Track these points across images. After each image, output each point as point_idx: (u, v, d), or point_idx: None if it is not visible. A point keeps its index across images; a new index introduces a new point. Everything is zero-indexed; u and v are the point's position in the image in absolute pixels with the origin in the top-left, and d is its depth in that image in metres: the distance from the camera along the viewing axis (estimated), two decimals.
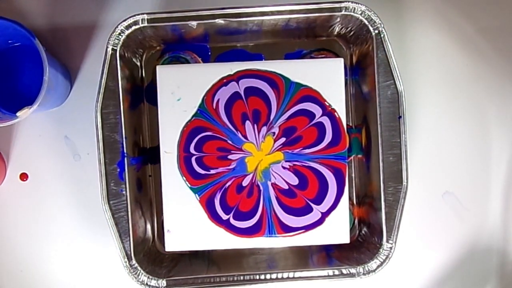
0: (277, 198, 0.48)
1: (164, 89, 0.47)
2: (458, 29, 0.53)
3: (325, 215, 0.48)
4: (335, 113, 0.48)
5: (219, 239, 0.48)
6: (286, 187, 0.48)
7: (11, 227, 0.54)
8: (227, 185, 0.48)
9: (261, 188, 0.48)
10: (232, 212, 0.48)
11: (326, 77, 0.47)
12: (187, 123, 0.48)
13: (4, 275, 0.54)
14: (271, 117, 0.48)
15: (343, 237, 0.48)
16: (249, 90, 0.48)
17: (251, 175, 0.48)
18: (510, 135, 0.54)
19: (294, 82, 0.48)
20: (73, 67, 0.54)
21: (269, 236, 0.48)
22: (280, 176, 0.48)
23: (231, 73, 0.48)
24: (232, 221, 0.48)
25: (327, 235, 0.48)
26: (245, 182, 0.48)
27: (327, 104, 0.48)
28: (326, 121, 0.48)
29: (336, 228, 0.48)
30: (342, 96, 0.48)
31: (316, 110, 0.48)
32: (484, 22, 0.53)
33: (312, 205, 0.48)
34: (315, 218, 0.48)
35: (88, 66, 0.53)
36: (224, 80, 0.48)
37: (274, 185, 0.48)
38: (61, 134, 0.54)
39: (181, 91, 0.48)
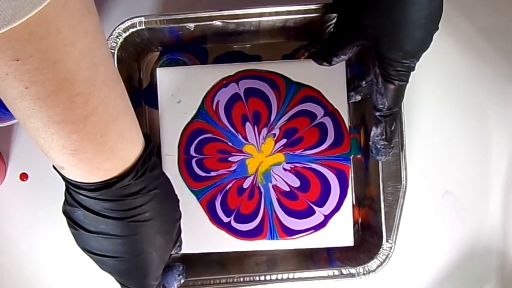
0: (278, 200, 0.47)
1: (164, 91, 0.47)
2: (458, 29, 0.53)
3: (328, 217, 0.47)
4: (337, 114, 0.47)
5: (221, 242, 0.48)
6: (288, 189, 0.47)
7: (11, 227, 0.54)
8: (227, 187, 0.47)
9: (262, 190, 0.47)
10: (233, 215, 0.47)
11: (327, 77, 0.47)
12: (187, 125, 0.47)
13: (4, 275, 0.54)
14: (272, 118, 0.47)
15: (347, 240, 0.48)
16: (249, 91, 0.47)
17: (251, 177, 0.47)
18: (510, 135, 0.54)
19: (295, 82, 0.47)
20: None
21: (271, 239, 0.47)
22: (281, 178, 0.47)
23: (231, 74, 0.47)
24: (233, 223, 0.47)
25: (330, 238, 0.47)
26: (245, 184, 0.48)
27: (329, 104, 0.47)
28: (328, 121, 0.47)
29: (340, 231, 0.47)
30: (344, 95, 0.47)
31: (318, 110, 0.47)
32: (484, 22, 0.53)
33: (315, 207, 0.47)
34: (318, 220, 0.47)
35: None
36: (224, 81, 0.47)
37: (275, 187, 0.47)
38: None
39: (181, 93, 0.47)
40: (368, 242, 0.50)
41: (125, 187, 0.33)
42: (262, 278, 0.48)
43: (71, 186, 0.33)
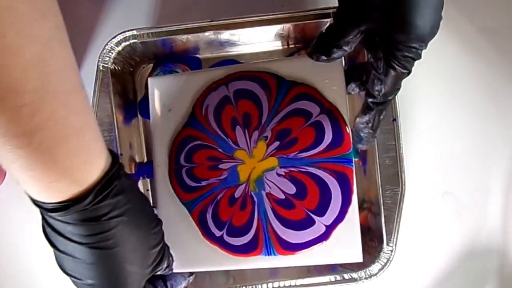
0: (273, 210, 0.42)
1: (155, 101, 0.44)
2: (458, 29, 0.53)
3: (330, 228, 0.42)
4: (335, 111, 0.42)
5: (214, 259, 0.43)
6: (283, 196, 0.42)
7: (11, 227, 0.54)
8: (218, 197, 0.43)
9: (255, 199, 0.43)
10: (226, 228, 0.43)
11: (323, 72, 0.42)
12: (177, 133, 0.44)
13: (4, 275, 0.55)
14: (263, 120, 0.43)
15: (355, 254, 0.42)
16: (239, 93, 0.43)
17: (243, 185, 0.43)
18: (510, 135, 0.53)
19: (288, 81, 0.43)
20: None
21: (268, 255, 0.42)
22: (275, 184, 0.43)
23: (222, 77, 0.44)
24: (226, 237, 0.43)
25: (335, 253, 0.42)
26: (237, 193, 0.43)
27: (326, 101, 0.42)
28: (324, 119, 0.42)
29: (346, 245, 0.41)
30: (343, 90, 0.42)
31: (313, 108, 0.42)
32: (484, 22, 0.52)
33: (314, 216, 0.42)
34: (319, 232, 0.42)
35: (88, 66, 0.52)
36: (214, 85, 0.44)
37: (269, 195, 0.43)
38: None
39: (172, 101, 0.44)
40: (368, 246, 0.50)
41: (82, 211, 0.30)
42: (265, 286, 0.48)
43: (33, 202, 0.31)
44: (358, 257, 0.41)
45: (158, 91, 0.45)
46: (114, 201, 0.32)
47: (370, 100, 0.39)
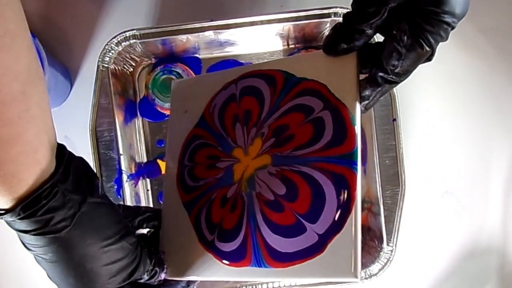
0: (261, 212, 0.37)
1: (175, 103, 0.44)
2: (458, 29, 0.53)
3: (324, 239, 0.34)
4: (342, 108, 0.36)
5: (207, 268, 0.39)
6: (272, 197, 0.37)
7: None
8: (212, 197, 0.40)
9: (245, 199, 0.38)
10: (216, 231, 0.39)
11: (335, 67, 0.37)
12: (188, 134, 0.43)
13: (4, 275, 0.55)
14: (262, 116, 0.39)
15: (350, 273, 0.33)
16: (244, 90, 0.41)
17: (236, 185, 0.39)
18: (510, 135, 0.53)
19: (297, 77, 0.39)
20: (73, 67, 0.53)
21: (258, 267, 0.36)
22: (266, 184, 0.37)
23: (235, 77, 0.42)
24: (216, 242, 0.38)
25: (328, 268, 0.34)
26: (229, 194, 0.39)
27: (333, 97, 0.37)
28: (326, 116, 0.36)
29: (341, 260, 0.33)
30: (354, 88, 0.36)
31: (316, 104, 0.37)
32: (484, 22, 0.53)
33: (305, 222, 0.35)
34: (311, 241, 0.35)
35: (88, 66, 0.53)
36: (226, 85, 0.42)
37: (259, 196, 0.37)
38: (61, 134, 0.52)
39: (189, 102, 0.43)
40: (368, 246, 0.50)
41: (12, 222, 0.30)
42: (265, 286, 0.48)
43: None
44: (354, 277, 0.33)
45: (179, 93, 0.44)
46: (44, 218, 0.30)
47: (380, 74, 0.35)
